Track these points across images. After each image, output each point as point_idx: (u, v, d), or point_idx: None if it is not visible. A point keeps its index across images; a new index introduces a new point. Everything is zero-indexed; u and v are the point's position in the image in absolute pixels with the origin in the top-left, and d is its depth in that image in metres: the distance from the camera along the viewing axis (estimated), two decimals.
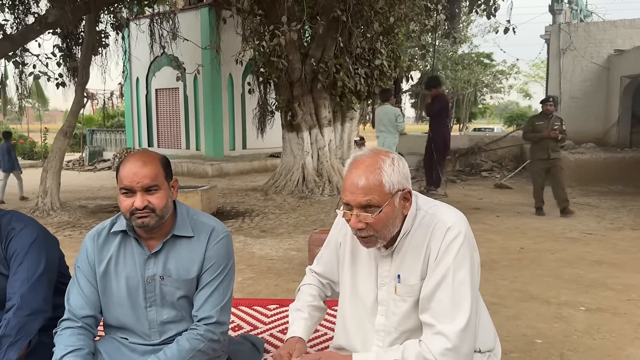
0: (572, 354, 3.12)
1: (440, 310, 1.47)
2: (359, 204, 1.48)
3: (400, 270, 1.57)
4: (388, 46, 11.21)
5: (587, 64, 13.11)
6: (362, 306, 1.64)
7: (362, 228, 1.50)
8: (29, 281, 1.82)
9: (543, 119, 7.61)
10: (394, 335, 1.56)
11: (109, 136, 19.03)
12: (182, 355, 1.65)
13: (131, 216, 1.69)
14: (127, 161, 1.71)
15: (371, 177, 1.48)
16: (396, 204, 1.51)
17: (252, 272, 4.97)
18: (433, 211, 1.59)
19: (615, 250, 5.59)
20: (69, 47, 10.11)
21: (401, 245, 1.58)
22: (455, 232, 1.51)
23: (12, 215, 1.96)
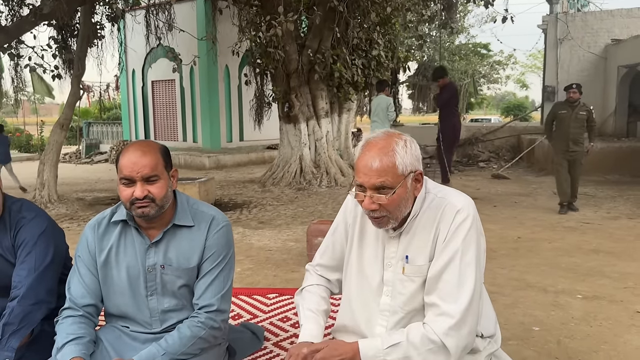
0: (569, 341, 3.15)
1: (446, 291, 1.49)
2: (373, 186, 1.50)
3: (408, 251, 1.58)
4: (385, 37, 11.19)
5: (584, 54, 13.10)
6: (367, 287, 1.65)
7: (375, 209, 1.52)
8: (36, 271, 1.83)
9: (566, 107, 6.93)
10: (399, 314, 1.58)
11: (105, 129, 18.97)
12: (184, 343, 1.66)
13: (131, 206, 1.69)
14: (126, 151, 1.71)
15: (385, 159, 1.50)
16: (408, 186, 1.53)
17: (251, 263, 4.99)
18: (442, 194, 1.62)
19: (611, 239, 5.61)
20: (64, 38, 10.05)
21: (410, 227, 1.60)
22: (465, 215, 1.54)
23: (23, 203, 1.97)
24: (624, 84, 12.21)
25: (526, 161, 12.31)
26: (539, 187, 9.30)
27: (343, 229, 1.79)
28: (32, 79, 15.20)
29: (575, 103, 6.89)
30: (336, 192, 9.20)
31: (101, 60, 10.10)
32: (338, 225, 1.81)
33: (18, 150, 20.02)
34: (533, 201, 7.95)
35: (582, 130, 6.94)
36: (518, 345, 3.09)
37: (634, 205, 7.53)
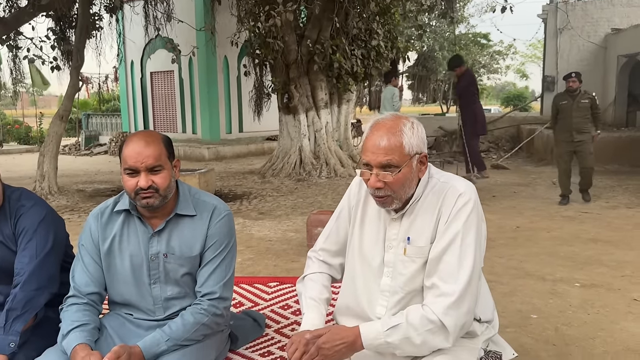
0: (566, 328, 3.19)
1: (447, 272, 1.53)
2: (380, 164, 1.55)
3: (410, 233, 1.61)
4: (384, 27, 11.14)
5: (584, 43, 13.07)
6: (368, 268, 1.68)
7: (380, 187, 1.55)
8: (37, 257, 1.85)
9: (567, 97, 6.84)
10: (399, 295, 1.61)
11: (104, 120, 18.95)
12: (187, 329, 1.69)
13: (136, 196, 1.71)
14: (130, 141, 1.73)
15: (392, 139, 1.54)
16: (414, 166, 1.57)
17: (251, 253, 5.03)
18: (445, 179, 1.65)
19: (610, 228, 5.65)
20: (63, 29, 10.03)
21: (412, 209, 1.63)
22: (466, 198, 1.57)
23: (22, 192, 2.00)
24: (623, 74, 12.20)
25: (526, 151, 12.32)
26: (538, 177, 9.33)
27: (347, 212, 1.81)
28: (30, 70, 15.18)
29: (576, 92, 6.78)
30: (336, 183, 9.22)
31: (100, 51, 10.08)
32: (342, 210, 1.84)
33: (17, 142, 20.01)
34: (532, 191, 7.97)
35: (585, 119, 6.76)
36: (516, 332, 3.13)
37: (632, 194, 7.56)
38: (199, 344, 1.72)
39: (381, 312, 1.65)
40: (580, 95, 6.76)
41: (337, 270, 1.85)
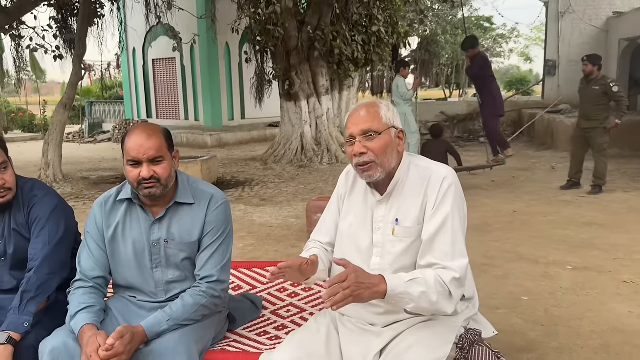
0: (555, 309, 3.30)
1: (443, 251, 1.65)
2: (362, 131, 1.71)
3: (398, 215, 1.74)
4: (385, 12, 11.13)
5: (585, 27, 13.00)
6: (356, 250, 1.80)
7: (364, 152, 1.69)
8: (50, 244, 1.97)
9: (583, 82, 6.70)
10: (388, 272, 1.71)
11: (108, 108, 19.02)
12: (187, 310, 1.80)
13: (138, 186, 1.82)
14: (132, 134, 1.83)
15: (371, 110, 1.74)
16: (392, 137, 1.73)
17: (253, 239, 5.14)
18: (426, 164, 1.79)
19: (606, 212, 5.73)
20: (65, 18, 10.07)
21: (397, 192, 1.76)
22: (450, 181, 1.71)
23: (34, 183, 2.12)
24: (625, 58, 12.15)
25: (527, 136, 12.36)
26: (538, 161, 9.39)
27: (336, 203, 1.94)
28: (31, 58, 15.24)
29: (591, 77, 6.57)
30: (337, 169, 9.31)
31: (102, 40, 10.12)
32: (332, 202, 1.97)
33: (22, 131, 20.12)
34: (531, 175, 8.05)
35: (597, 106, 6.53)
36: (506, 313, 3.24)
37: (630, 179, 7.62)
38: (198, 323, 1.84)
39: None
40: (594, 81, 6.54)
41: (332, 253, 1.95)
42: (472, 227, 5.31)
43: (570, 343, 2.86)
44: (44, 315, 1.92)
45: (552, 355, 2.74)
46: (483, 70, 8.13)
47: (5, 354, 1.75)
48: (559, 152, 10.35)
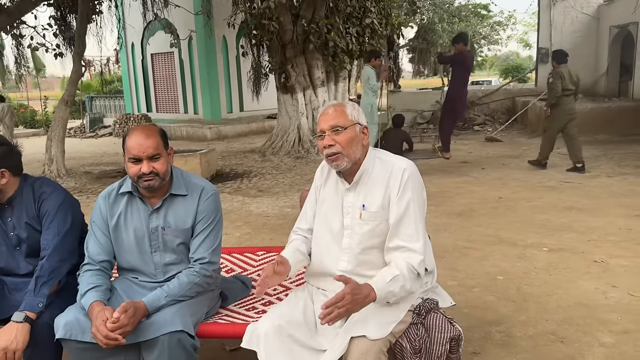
0: (527, 288, 3.56)
1: (409, 234, 1.93)
2: (330, 126, 1.99)
3: (365, 201, 2.02)
4: (378, 4, 11.31)
5: (577, 15, 13.18)
6: (329, 233, 2.08)
7: (332, 144, 1.97)
8: (59, 235, 2.23)
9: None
10: (356, 251, 2.01)
11: (108, 102, 19.26)
12: (182, 287, 2.06)
13: (139, 180, 2.07)
14: (132, 135, 2.08)
15: (338, 109, 2.03)
16: (357, 132, 2.01)
17: (249, 228, 5.40)
18: (388, 158, 2.08)
19: (587, 196, 5.97)
20: (63, 16, 10.28)
21: (363, 181, 2.03)
22: (410, 173, 2.00)
23: (43, 180, 2.38)
24: (615, 44, 12.35)
25: (520, 123, 12.58)
26: (529, 148, 9.61)
27: (314, 194, 2.22)
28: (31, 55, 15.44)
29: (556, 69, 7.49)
30: None
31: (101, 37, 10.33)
32: (311, 193, 2.24)
33: (23, 127, 20.37)
34: (520, 162, 8.28)
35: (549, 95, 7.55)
36: (481, 291, 3.50)
37: (615, 164, 7.85)
38: (192, 299, 2.10)
39: (344, 266, 2.03)
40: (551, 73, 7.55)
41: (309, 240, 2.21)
42: (458, 213, 5.62)
43: (537, 317, 3.12)
44: (55, 296, 2.18)
45: (519, 327, 3.00)
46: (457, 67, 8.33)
47: (23, 330, 2.01)
48: None
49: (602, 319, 3.06)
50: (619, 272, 3.76)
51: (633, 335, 2.86)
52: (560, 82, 7.28)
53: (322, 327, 1.93)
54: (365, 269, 2.00)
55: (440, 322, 1.90)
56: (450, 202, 5.89)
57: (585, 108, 10.83)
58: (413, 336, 1.87)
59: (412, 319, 1.90)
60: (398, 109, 14.15)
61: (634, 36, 11.17)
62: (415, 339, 1.87)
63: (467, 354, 2.69)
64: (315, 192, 2.21)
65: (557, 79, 7.30)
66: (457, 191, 6.45)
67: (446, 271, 3.79)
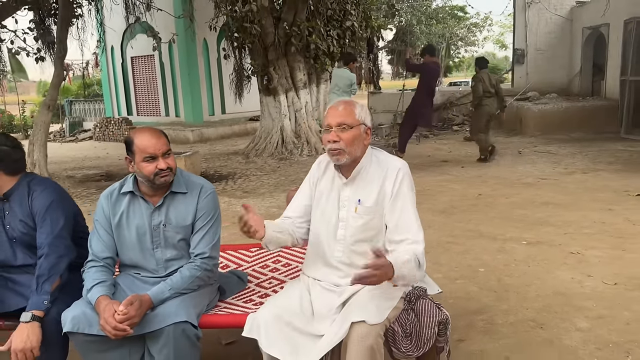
0: (507, 278, 3.73)
1: (413, 227, 2.08)
2: (337, 123, 2.09)
3: (360, 196, 2.15)
4: (358, 7, 11.49)
5: (551, 16, 13.52)
6: (326, 224, 2.21)
7: (337, 140, 2.08)
8: (53, 233, 2.31)
9: None
10: (349, 241, 2.14)
11: (87, 106, 19.09)
12: (185, 281, 2.17)
13: (155, 177, 2.18)
14: (141, 136, 2.18)
15: (347, 107, 2.12)
16: (361, 132, 2.12)
17: (236, 229, 5.45)
18: (384, 157, 2.22)
19: (564, 192, 6.20)
20: (42, 19, 10.22)
21: (360, 177, 2.16)
22: (404, 172, 2.15)
23: (35, 179, 2.46)
24: (588, 45, 12.71)
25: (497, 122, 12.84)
26: (507, 147, 9.87)
27: (307, 188, 2.34)
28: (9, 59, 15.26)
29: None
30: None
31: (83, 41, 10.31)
32: (304, 187, 2.37)
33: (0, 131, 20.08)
34: (499, 160, 8.50)
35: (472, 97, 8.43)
36: (464, 283, 3.67)
37: (590, 160, 8.13)
38: (194, 292, 2.21)
39: (339, 256, 2.16)
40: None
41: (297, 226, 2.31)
42: (440, 210, 5.80)
43: (517, 305, 3.29)
44: (60, 293, 2.25)
45: (501, 315, 3.17)
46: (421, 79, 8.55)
47: (33, 329, 2.10)
48: (526, 137, 10.88)
49: (578, 306, 3.24)
50: (594, 262, 3.96)
51: (607, 320, 3.05)
52: (481, 85, 8.10)
53: (318, 314, 2.07)
54: (357, 260, 2.13)
55: (429, 308, 2.04)
56: (433, 200, 6.06)
57: (561, 107, 11.17)
58: (404, 321, 2.01)
59: (403, 305, 2.04)
60: (379, 110, 14.38)
61: (606, 37, 11.53)
62: (406, 323, 2.01)
63: (452, 341, 2.83)
64: (311, 186, 2.31)
65: (478, 83, 8.13)
66: (438, 189, 6.63)
67: (431, 265, 3.94)
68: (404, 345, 1.99)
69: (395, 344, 1.99)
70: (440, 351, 2.09)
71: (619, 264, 3.88)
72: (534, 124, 11.04)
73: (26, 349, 2.04)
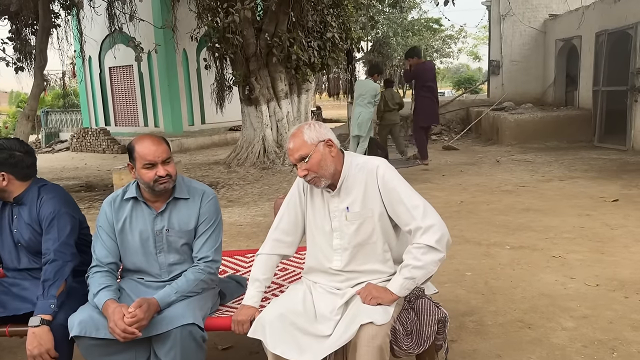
0: (494, 282, 3.84)
1: (414, 215, 2.08)
2: (297, 159, 2.14)
3: (347, 203, 2.20)
4: (339, 19, 11.64)
5: (525, 29, 13.91)
6: (322, 234, 2.25)
7: (306, 174, 2.14)
8: (59, 240, 2.33)
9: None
10: (348, 249, 2.19)
11: (64, 117, 18.87)
12: (190, 284, 2.21)
13: (154, 183, 2.21)
14: (142, 144, 2.22)
15: (297, 140, 2.15)
16: (321, 150, 2.14)
17: (224, 237, 5.38)
18: (362, 161, 2.24)
19: (542, 199, 6.38)
20: (19, 29, 10.12)
21: (345, 187, 2.20)
22: (384, 167, 2.18)
23: (47, 185, 2.50)
24: (561, 56, 13.10)
25: (474, 132, 13.13)
26: (485, 156, 10.10)
27: (297, 198, 2.36)
28: None
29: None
30: None
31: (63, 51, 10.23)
32: (292, 197, 2.38)
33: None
34: (477, 169, 8.70)
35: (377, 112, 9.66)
36: (452, 286, 3.76)
37: (566, 168, 8.37)
38: (199, 295, 2.25)
39: (337, 264, 2.21)
40: None
41: (288, 246, 2.35)
42: None
43: (505, 307, 3.40)
44: (66, 298, 2.28)
45: (489, 316, 3.27)
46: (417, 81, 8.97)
47: (44, 332, 2.13)
48: (503, 146, 11.13)
49: (563, 306, 3.36)
50: (575, 265, 4.10)
51: (591, 319, 3.17)
52: (383, 103, 9.61)
53: (321, 315, 2.12)
54: (358, 264, 2.20)
55: (428, 306, 2.12)
56: None
57: (536, 117, 11.46)
58: (405, 320, 2.08)
59: (403, 305, 2.12)
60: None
61: (578, 49, 11.91)
62: (407, 322, 2.08)
63: None
64: (300, 197, 2.33)
65: (381, 100, 9.37)
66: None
67: None
68: (405, 343, 2.06)
69: (396, 342, 2.06)
70: (439, 349, 2.17)
71: (599, 267, 4.03)
72: (510, 134, 11.31)
73: (42, 353, 2.07)
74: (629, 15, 9.63)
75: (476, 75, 39.83)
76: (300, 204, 2.34)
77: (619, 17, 9.98)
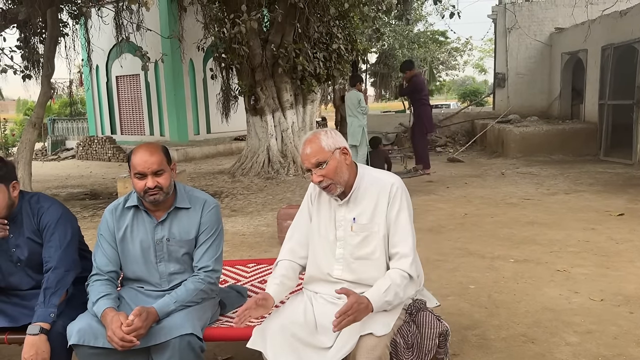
0: (497, 295, 3.81)
1: (405, 240, 2.14)
2: (313, 165, 2.14)
3: (355, 214, 2.20)
4: (344, 30, 11.70)
5: (531, 42, 13.93)
6: (325, 243, 2.25)
7: (321, 180, 2.14)
8: (61, 247, 2.32)
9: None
10: (349, 260, 2.18)
11: (70, 125, 18.99)
12: (189, 293, 2.19)
13: (144, 194, 2.20)
14: (137, 152, 2.22)
15: (314, 145, 2.14)
16: (338, 157, 2.15)
17: (227, 246, 5.49)
18: (376, 174, 2.27)
19: (547, 212, 6.34)
20: (27, 38, 10.21)
21: (354, 197, 2.21)
22: (397, 186, 2.20)
23: (39, 196, 2.47)
24: (567, 70, 13.09)
25: (479, 145, 13.11)
26: (489, 168, 10.06)
27: (306, 209, 2.38)
28: None
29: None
30: (303, 180, 9.73)
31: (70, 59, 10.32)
32: (303, 208, 2.40)
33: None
34: (482, 182, 8.66)
35: None
36: (455, 299, 3.73)
37: (571, 182, 8.32)
38: (199, 305, 2.24)
39: (338, 274, 2.20)
40: None
41: (303, 257, 2.35)
42: (428, 228, 5.88)
43: (508, 321, 3.36)
44: (65, 306, 2.27)
45: (493, 330, 3.23)
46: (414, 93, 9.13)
47: (41, 341, 2.11)
48: (508, 159, 11.10)
49: (567, 321, 3.32)
50: (580, 279, 4.06)
51: (595, 335, 3.13)
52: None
53: (321, 326, 2.10)
54: (359, 275, 2.18)
55: (429, 319, 2.10)
56: (420, 219, 6.14)
57: (541, 130, 11.43)
58: (406, 332, 2.06)
59: (405, 318, 2.09)
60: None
61: (584, 62, 11.90)
62: (408, 335, 2.06)
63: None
64: (309, 207, 2.34)
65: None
66: (425, 208, 6.73)
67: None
68: (405, 356, 2.04)
69: (397, 356, 2.03)
70: None
71: (604, 281, 3.99)
72: (516, 146, 11.28)
73: None
74: (635, 29, 9.63)
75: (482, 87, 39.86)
76: (309, 213, 2.35)
77: (625, 31, 9.98)
